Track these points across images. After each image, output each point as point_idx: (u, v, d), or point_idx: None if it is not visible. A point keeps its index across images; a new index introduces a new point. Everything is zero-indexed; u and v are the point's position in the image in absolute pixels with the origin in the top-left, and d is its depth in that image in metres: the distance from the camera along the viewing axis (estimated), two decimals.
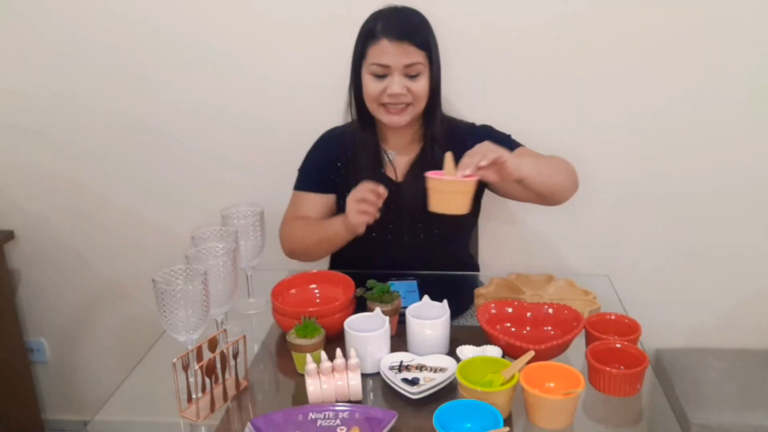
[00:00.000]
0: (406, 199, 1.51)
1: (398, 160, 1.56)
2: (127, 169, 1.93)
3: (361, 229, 1.37)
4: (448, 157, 1.26)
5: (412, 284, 1.47)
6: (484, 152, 1.22)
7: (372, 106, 1.47)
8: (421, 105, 1.47)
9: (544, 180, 1.35)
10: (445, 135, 1.52)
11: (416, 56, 1.41)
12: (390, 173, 1.55)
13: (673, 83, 1.70)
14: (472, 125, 1.60)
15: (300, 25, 1.73)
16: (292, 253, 1.57)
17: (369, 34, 1.44)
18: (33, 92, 1.88)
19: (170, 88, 1.83)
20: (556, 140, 1.76)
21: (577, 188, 1.48)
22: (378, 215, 1.35)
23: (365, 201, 1.33)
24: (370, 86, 1.44)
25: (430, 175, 1.25)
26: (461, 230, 1.64)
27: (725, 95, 1.70)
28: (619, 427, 1.10)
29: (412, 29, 1.42)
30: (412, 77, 1.42)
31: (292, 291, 1.40)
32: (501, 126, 1.71)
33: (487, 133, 1.55)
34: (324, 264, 1.73)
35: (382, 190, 1.34)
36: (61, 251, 2.05)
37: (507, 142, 1.53)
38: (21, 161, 1.96)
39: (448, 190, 1.23)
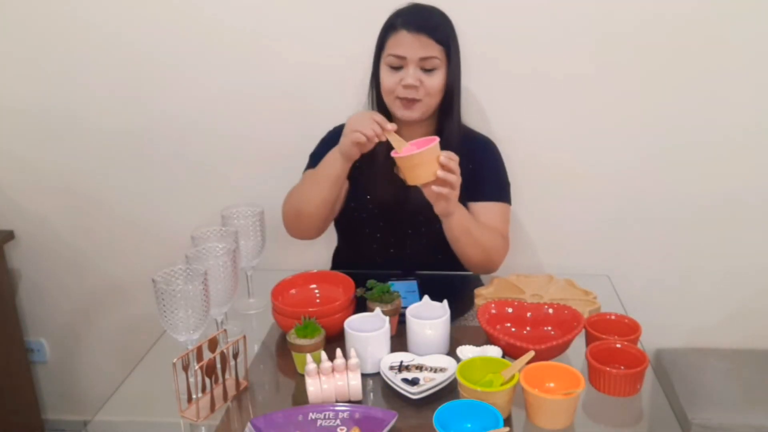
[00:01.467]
0: (413, 200, 1.51)
1: None
2: (128, 169, 1.93)
3: (355, 152, 1.38)
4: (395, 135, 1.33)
5: (412, 284, 1.47)
6: (450, 171, 1.28)
7: (388, 99, 1.48)
8: (432, 101, 1.46)
9: (456, 236, 1.42)
10: (459, 142, 1.50)
11: (433, 50, 1.42)
12: (401, 174, 1.55)
13: (673, 85, 1.69)
14: (487, 144, 1.60)
15: (302, 26, 1.73)
16: (293, 216, 1.52)
17: (389, 27, 1.46)
18: (34, 92, 1.88)
19: (171, 88, 1.83)
20: (557, 140, 1.77)
21: (486, 271, 1.54)
22: (372, 145, 1.36)
23: (365, 129, 1.34)
24: (386, 78, 1.46)
25: (395, 153, 1.30)
26: None
27: (725, 96, 1.69)
28: (619, 427, 1.10)
29: (431, 23, 1.44)
30: (428, 71, 1.43)
31: (292, 291, 1.40)
32: (502, 126, 1.72)
33: (493, 162, 1.58)
34: (324, 264, 1.74)
35: (390, 126, 1.34)
36: (61, 251, 2.05)
37: (498, 187, 1.57)
38: (21, 161, 1.96)
39: (414, 162, 1.28)
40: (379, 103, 1.54)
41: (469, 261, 1.50)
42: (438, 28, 1.44)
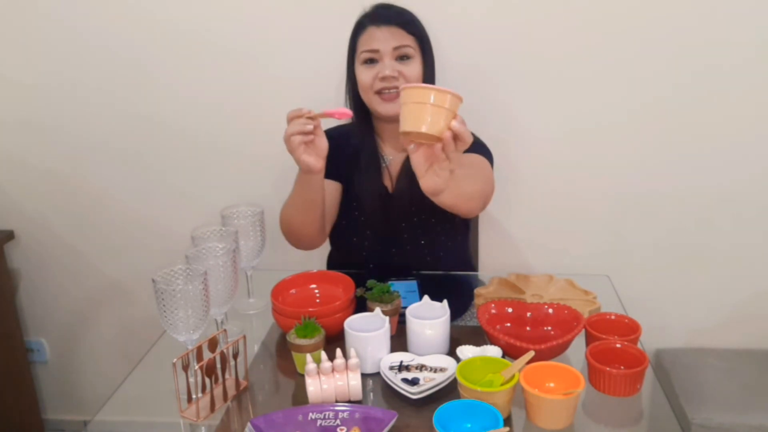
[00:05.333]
0: (397, 207, 1.51)
1: (393, 165, 1.55)
2: (128, 169, 1.93)
3: (308, 164, 1.27)
4: None
5: (412, 284, 1.47)
6: (461, 138, 1.06)
7: (367, 97, 1.47)
8: None
9: (449, 206, 1.29)
10: None
11: (404, 39, 1.42)
12: (386, 181, 1.55)
13: (673, 83, 1.70)
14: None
15: (302, 25, 1.73)
16: (287, 233, 1.51)
17: (359, 27, 1.47)
18: (33, 91, 1.88)
19: (170, 89, 1.83)
20: (555, 139, 1.77)
21: (482, 208, 1.44)
22: (310, 137, 1.24)
23: (295, 134, 1.24)
24: (363, 75, 1.45)
25: (407, 86, 1.06)
26: (453, 237, 1.62)
27: (725, 95, 1.70)
28: (619, 427, 1.10)
29: (400, 16, 1.45)
30: (403, 60, 1.43)
31: (292, 291, 1.40)
32: (501, 126, 1.72)
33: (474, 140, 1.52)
34: (324, 264, 1.73)
35: (306, 111, 1.24)
36: (61, 251, 2.05)
37: (478, 148, 1.49)
38: (21, 161, 1.96)
39: (422, 100, 1.00)
40: (358, 104, 1.51)
41: (465, 214, 1.42)
42: (407, 20, 1.44)
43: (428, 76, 1.46)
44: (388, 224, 1.54)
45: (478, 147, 1.50)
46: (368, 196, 1.53)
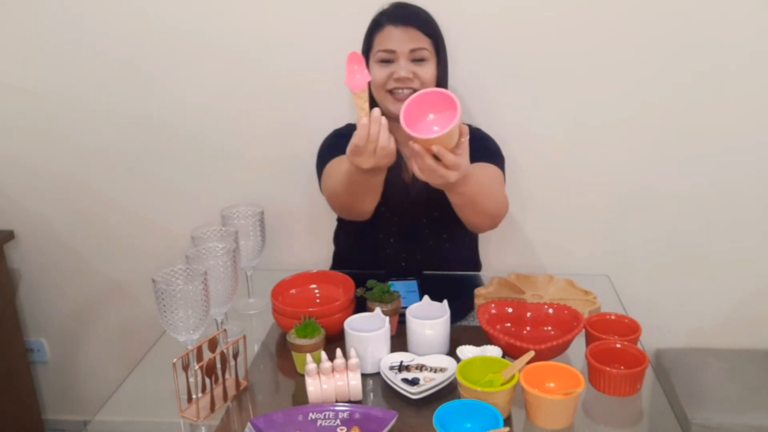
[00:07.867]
0: (417, 201, 1.51)
1: (409, 161, 1.56)
2: (128, 169, 1.93)
3: (365, 166, 1.21)
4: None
5: (412, 284, 1.47)
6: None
7: (379, 95, 1.47)
8: None
9: (459, 205, 1.32)
10: None
11: (421, 41, 1.42)
12: (404, 176, 1.55)
13: (673, 82, 1.69)
14: (476, 132, 1.56)
15: (304, 24, 1.73)
16: (337, 210, 1.46)
17: (375, 25, 1.47)
18: (33, 91, 1.88)
19: (170, 89, 1.83)
20: (555, 139, 1.77)
21: (488, 230, 1.46)
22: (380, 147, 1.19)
23: (359, 148, 1.20)
24: (377, 73, 1.45)
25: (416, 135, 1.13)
26: (470, 232, 1.63)
27: (725, 94, 1.69)
28: (619, 427, 1.10)
29: (418, 17, 1.45)
30: (419, 62, 1.43)
31: (292, 291, 1.40)
32: (501, 124, 1.72)
33: (480, 141, 1.52)
34: (325, 264, 1.73)
35: (380, 121, 1.21)
36: (61, 251, 2.05)
37: (492, 154, 1.50)
38: (21, 161, 1.96)
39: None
40: (371, 101, 1.52)
41: (473, 226, 1.43)
42: (424, 22, 1.45)
43: (442, 77, 1.47)
44: (409, 219, 1.54)
45: (492, 153, 1.51)
46: (390, 190, 1.53)
